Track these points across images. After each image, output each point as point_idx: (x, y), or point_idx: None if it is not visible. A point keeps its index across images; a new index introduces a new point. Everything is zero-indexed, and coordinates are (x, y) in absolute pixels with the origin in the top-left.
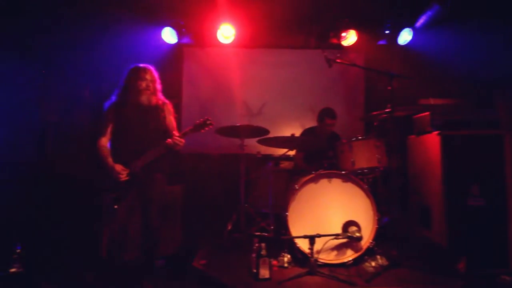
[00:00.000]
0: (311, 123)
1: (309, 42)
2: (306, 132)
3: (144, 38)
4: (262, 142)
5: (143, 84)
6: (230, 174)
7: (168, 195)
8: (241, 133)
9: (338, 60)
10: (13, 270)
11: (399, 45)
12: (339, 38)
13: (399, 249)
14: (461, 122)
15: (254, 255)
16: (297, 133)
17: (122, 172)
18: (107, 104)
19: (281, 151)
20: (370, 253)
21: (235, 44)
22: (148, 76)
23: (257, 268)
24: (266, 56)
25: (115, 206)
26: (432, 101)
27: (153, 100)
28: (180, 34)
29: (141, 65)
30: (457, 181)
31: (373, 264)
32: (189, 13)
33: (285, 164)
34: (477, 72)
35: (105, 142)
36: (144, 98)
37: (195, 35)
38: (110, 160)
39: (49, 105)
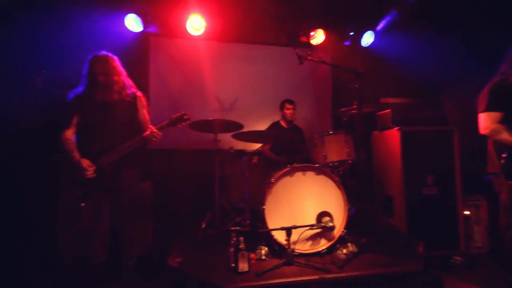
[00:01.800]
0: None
1: (279, 39)
2: (272, 126)
3: (105, 24)
4: (237, 136)
5: (98, 79)
6: (204, 170)
7: (138, 192)
8: (215, 127)
9: (309, 58)
10: None
11: (362, 46)
12: (308, 36)
13: (367, 236)
14: (417, 119)
15: (232, 249)
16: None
17: (88, 168)
18: (71, 95)
19: (253, 145)
20: (341, 241)
21: (206, 37)
22: (105, 69)
23: (236, 262)
24: (237, 51)
25: (82, 204)
26: (391, 100)
27: (113, 95)
28: (145, 22)
29: (100, 54)
30: (414, 172)
31: (344, 251)
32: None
33: (258, 159)
34: (429, 74)
35: (70, 135)
36: (98, 94)
37: (163, 24)
38: (76, 154)
39: None
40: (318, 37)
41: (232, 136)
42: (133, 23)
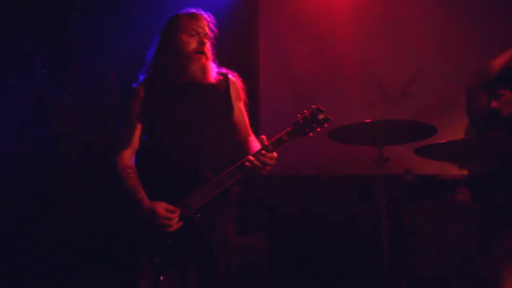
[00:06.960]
0: None
1: None
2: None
3: None
4: (425, 152)
5: (196, 41)
6: (360, 214)
7: (241, 254)
8: (378, 135)
9: None
10: None
11: None
12: None
13: None
14: None
15: None
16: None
17: (168, 215)
18: (133, 88)
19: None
20: None
21: None
22: (202, 28)
23: None
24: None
25: (161, 278)
26: None
27: (211, 74)
28: None
29: (188, 10)
30: None
31: None
32: None
33: (470, 195)
34: None
35: (128, 158)
36: (196, 69)
37: None
38: (143, 195)
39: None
40: None
41: (414, 152)
42: None
